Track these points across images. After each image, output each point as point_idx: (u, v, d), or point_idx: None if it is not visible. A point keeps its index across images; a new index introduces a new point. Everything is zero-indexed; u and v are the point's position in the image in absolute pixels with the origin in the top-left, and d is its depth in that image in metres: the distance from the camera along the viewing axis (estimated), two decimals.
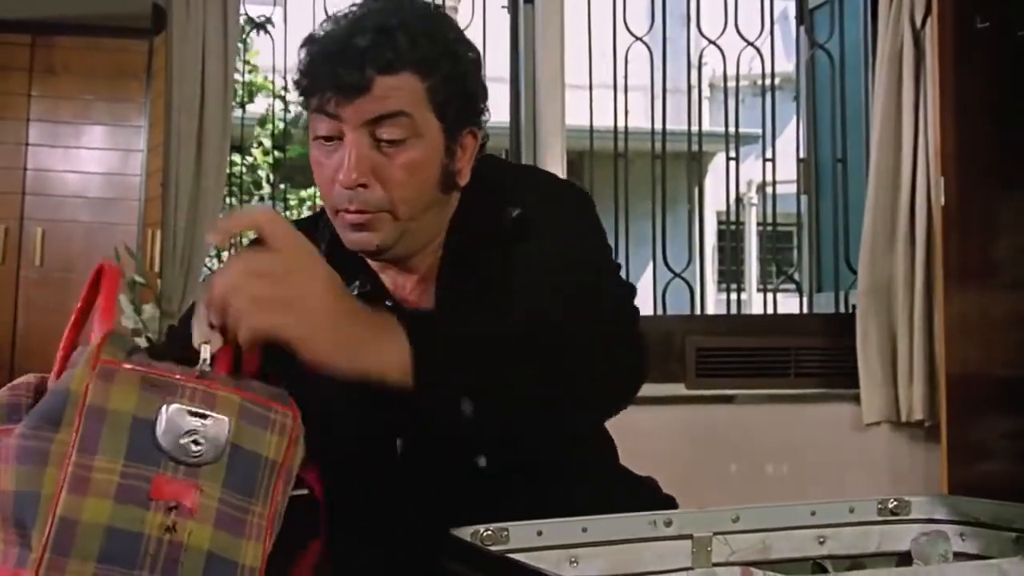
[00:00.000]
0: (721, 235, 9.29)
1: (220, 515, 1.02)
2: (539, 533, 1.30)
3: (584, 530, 1.32)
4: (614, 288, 1.53)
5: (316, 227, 1.57)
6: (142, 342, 3.73)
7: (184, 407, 1.03)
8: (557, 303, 1.41)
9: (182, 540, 1.00)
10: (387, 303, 1.51)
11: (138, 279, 3.76)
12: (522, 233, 1.49)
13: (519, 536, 1.27)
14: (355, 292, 1.48)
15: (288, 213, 6.24)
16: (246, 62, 6.47)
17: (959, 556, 1.31)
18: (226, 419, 1.04)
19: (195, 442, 1.02)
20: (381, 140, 1.41)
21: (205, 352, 1.09)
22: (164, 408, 1.03)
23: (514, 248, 1.48)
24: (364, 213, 1.42)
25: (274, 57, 4.52)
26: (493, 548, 1.22)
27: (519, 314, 1.40)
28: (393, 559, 1.46)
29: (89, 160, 4.13)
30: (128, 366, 1.05)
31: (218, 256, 4.43)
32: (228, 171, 4.15)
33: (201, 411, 1.03)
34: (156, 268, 3.84)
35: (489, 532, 1.24)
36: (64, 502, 0.98)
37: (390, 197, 1.42)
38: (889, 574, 0.90)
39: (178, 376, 1.06)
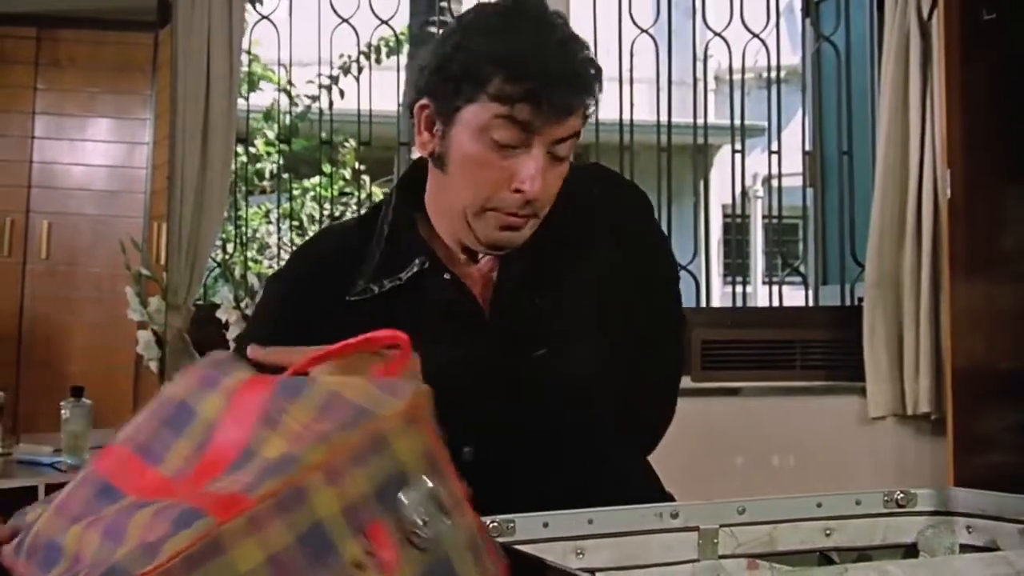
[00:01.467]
0: (726, 228, 9.30)
1: None
2: (545, 525, 1.30)
3: (590, 522, 1.32)
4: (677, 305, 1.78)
5: (375, 221, 1.68)
6: (148, 335, 3.74)
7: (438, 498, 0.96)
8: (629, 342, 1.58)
9: None
10: (445, 276, 1.62)
11: (144, 272, 3.76)
12: (580, 219, 1.64)
13: (525, 527, 1.28)
14: (415, 269, 1.60)
15: (292, 204, 6.24)
16: (249, 52, 6.46)
17: (966, 548, 1.32)
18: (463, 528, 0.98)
19: (425, 523, 0.94)
20: (553, 154, 1.55)
21: None
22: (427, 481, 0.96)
23: (569, 239, 1.63)
24: (525, 217, 1.56)
25: (279, 50, 4.52)
26: (499, 539, 1.22)
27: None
28: None
29: (94, 153, 4.13)
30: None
31: (223, 248, 4.42)
32: (234, 163, 4.14)
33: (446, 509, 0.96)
34: (162, 261, 3.84)
35: (495, 524, 1.24)
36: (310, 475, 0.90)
37: (544, 204, 1.58)
38: (896, 566, 0.89)
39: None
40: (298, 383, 1.01)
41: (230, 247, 4.49)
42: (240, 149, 4.64)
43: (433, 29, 5.66)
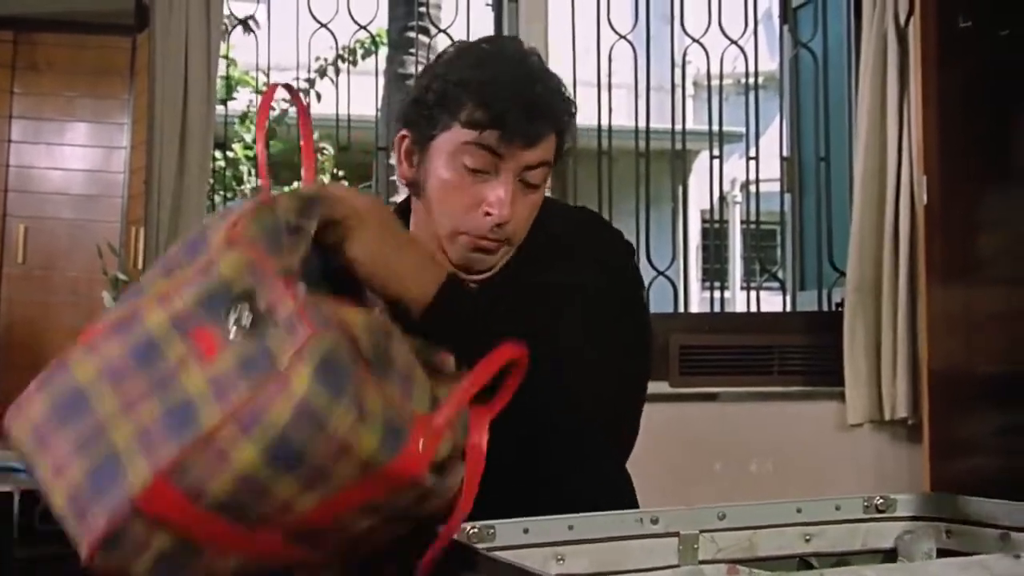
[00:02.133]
0: (705, 233, 9.32)
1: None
2: (525, 531, 1.30)
3: (570, 528, 1.32)
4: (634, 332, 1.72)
5: None
6: None
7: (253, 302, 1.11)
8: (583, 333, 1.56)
9: None
10: None
11: (121, 276, 3.74)
12: (561, 254, 1.69)
13: (505, 534, 1.28)
14: None
15: None
16: (227, 58, 6.45)
17: (944, 553, 1.32)
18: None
19: (240, 324, 1.08)
20: (525, 182, 1.61)
21: None
22: None
23: (553, 266, 1.67)
24: (496, 242, 1.62)
25: (257, 55, 4.51)
26: (479, 546, 1.22)
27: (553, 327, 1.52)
28: None
29: (72, 157, 4.12)
30: None
31: None
32: (211, 168, 4.13)
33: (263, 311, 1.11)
34: (139, 265, 3.83)
35: (475, 530, 1.24)
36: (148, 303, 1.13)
37: (515, 230, 1.62)
38: (874, 571, 0.90)
39: None
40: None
41: None
42: (218, 154, 4.63)
43: (412, 34, 5.67)
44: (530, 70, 1.62)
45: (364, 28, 4.60)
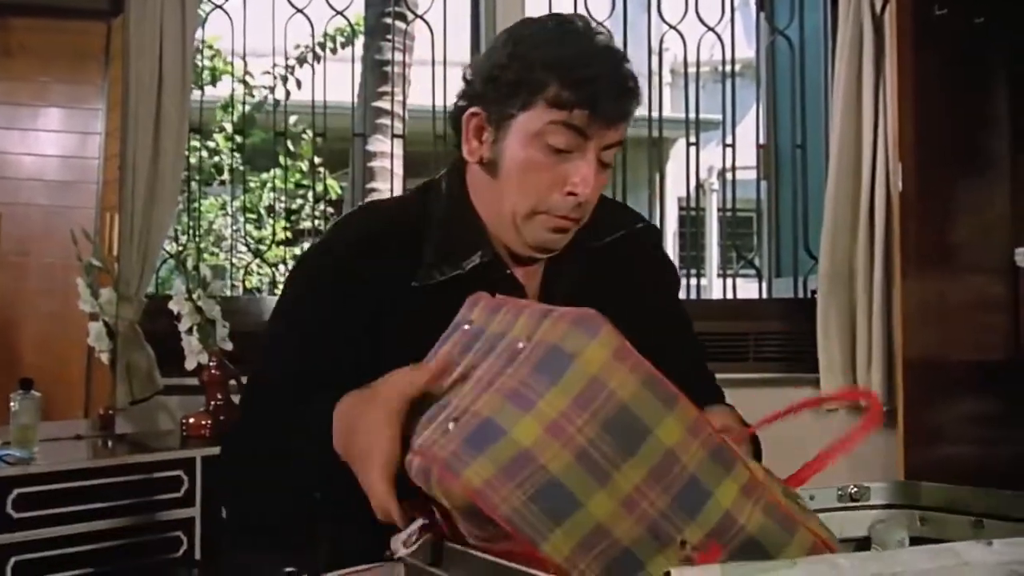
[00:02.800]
0: (682, 221, 9.33)
1: None
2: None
3: None
4: None
5: (421, 204, 1.72)
6: (99, 326, 3.71)
7: None
8: None
9: None
10: (507, 271, 1.69)
11: (95, 263, 3.72)
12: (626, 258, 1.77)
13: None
14: (476, 262, 1.64)
15: (247, 196, 6.22)
16: (210, 47, 6.42)
17: (918, 540, 1.33)
18: None
19: None
20: (601, 161, 1.62)
21: None
22: None
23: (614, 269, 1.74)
24: (574, 220, 1.63)
25: (233, 40, 4.49)
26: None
27: None
28: None
29: (47, 143, 4.08)
30: None
31: (176, 239, 4.39)
32: (187, 155, 4.11)
33: None
34: (114, 252, 3.81)
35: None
36: None
37: (589, 208, 1.65)
38: (845, 559, 0.90)
39: None
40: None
41: (184, 238, 4.46)
42: (197, 142, 4.61)
43: (388, 20, 5.65)
44: (611, 48, 1.62)
45: (341, 14, 4.58)
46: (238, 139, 5.52)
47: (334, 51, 6.33)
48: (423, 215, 1.70)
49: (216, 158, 6.87)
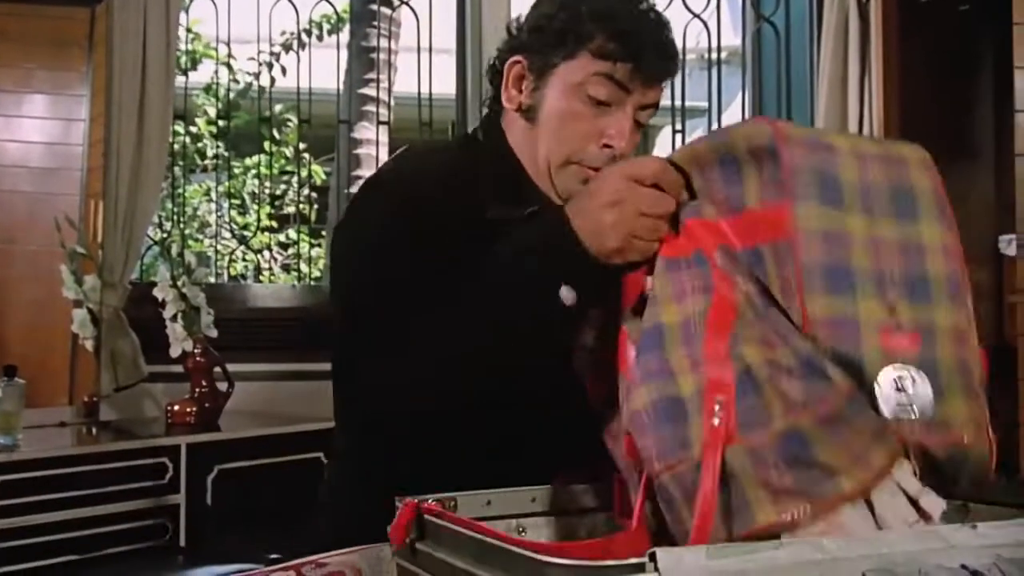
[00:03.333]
0: None
1: None
2: (488, 503, 1.30)
3: (533, 500, 1.32)
4: None
5: (471, 148, 1.73)
6: (83, 313, 3.70)
7: None
8: None
9: None
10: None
11: (79, 250, 3.71)
12: None
13: (467, 505, 1.28)
14: (528, 212, 1.60)
15: (231, 182, 6.18)
16: (188, 30, 6.39)
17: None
18: None
19: None
20: (637, 121, 1.61)
21: None
22: None
23: None
24: None
25: (217, 26, 4.48)
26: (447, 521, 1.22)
27: None
28: None
29: (31, 129, 4.06)
30: None
31: (160, 227, 4.38)
32: (171, 141, 4.10)
33: None
34: (99, 239, 3.79)
35: (438, 501, 1.24)
36: None
37: None
38: (830, 541, 0.90)
39: None
40: None
41: (169, 225, 4.45)
42: (181, 128, 4.59)
43: (374, 7, 5.63)
44: (657, 12, 1.64)
45: (326, 0, 4.57)
46: (221, 124, 5.49)
47: (320, 38, 6.30)
48: (474, 161, 1.69)
49: (199, 143, 6.84)
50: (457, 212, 1.58)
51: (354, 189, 2.71)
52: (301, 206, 5.31)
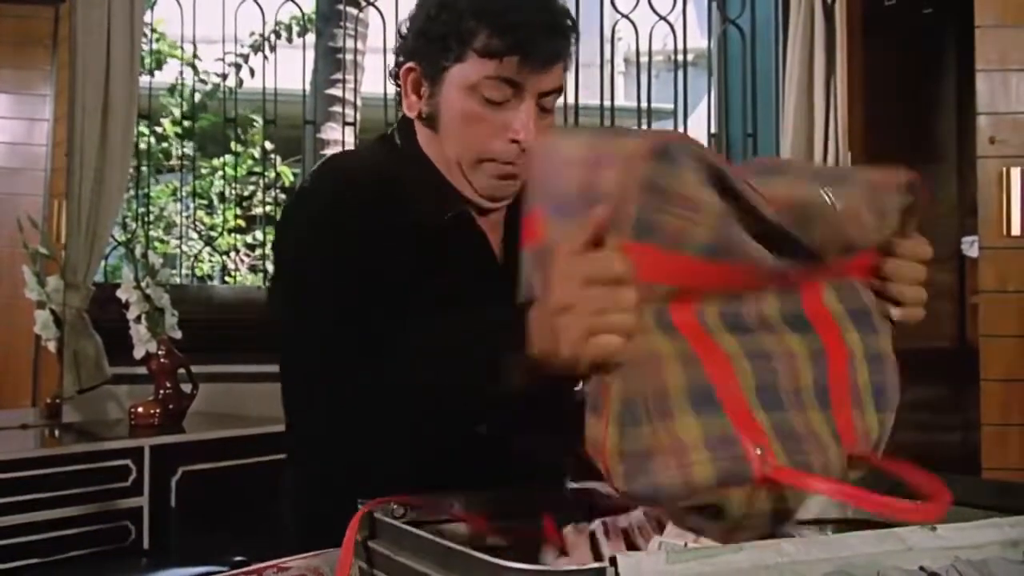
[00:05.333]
0: None
1: None
2: (451, 506, 1.30)
3: (497, 501, 1.32)
4: None
5: (386, 152, 1.71)
6: (46, 314, 3.67)
7: None
8: None
9: None
10: (475, 225, 1.67)
11: (42, 251, 3.69)
12: None
13: (432, 507, 1.28)
14: (449, 215, 1.62)
15: (196, 183, 6.17)
16: (153, 29, 6.36)
17: (862, 524, 1.33)
18: None
19: None
20: (541, 107, 1.60)
21: None
22: None
23: None
24: (520, 167, 1.59)
25: (183, 25, 4.46)
26: (403, 522, 1.21)
27: None
28: None
29: None
30: None
31: (124, 227, 4.35)
32: (135, 141, 4.07)
33: None
34: (62, 239, 3.77)
35: (400, 507, 1.24)
36: None
37: None
38: (790, 543, 0.91)
39: None
40: None
41: (134, 226, 4.42)
42: (146, 128, 4.56)
43: (341, 7, 5.62)
44: None
45: (292, 0, 4.56)
46: (187, 124, 5.47)
47: (289, 40, 6.29)
48: (394, 166, 1.67)
49: (165, 144, 6.81)
50: (381, 219, 1.57)
51: None
52: (268, 207, 5.29)
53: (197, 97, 5.89)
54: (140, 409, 3.59)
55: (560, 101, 4.65)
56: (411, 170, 1.66)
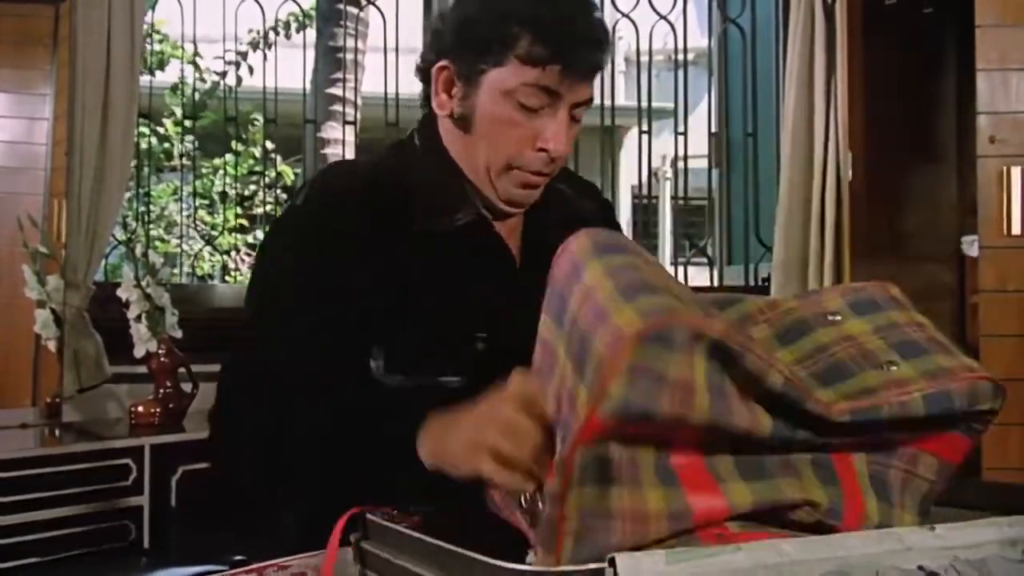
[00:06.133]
0: (635, 209, 9.35)
1: None
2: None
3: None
4: None
5: (404, 155, 1.71)
6: (46, 313, 3.67)
7: None
8: None
9: None
10: (492, 230, 1.68)
11: (42, 250, 3.69)
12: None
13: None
14: (460, 222, 1.63)
15: (197, 182, 6.17)
16: (157, 31, 6.36)
17: None
18: None
19: None
20: (573, 117, 1.60)
21: None
22: None
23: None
24: (545, 175, 1.63)
25: (183, 25, 4.46)
26: (400, 524, 1.21)
27: None
28: None
29: None
30: None
31: (124, 227, 4.36)
32: (136, 140, 4.07)
33: None
34: (62, 238, 3.77)
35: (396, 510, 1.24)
36: None
37: (560, 163, 1.64)
38: (789, 544, 0.91)
39: None
40: None
41: (135, 225, 4.42)
42: (146, 128, 4.56)
43: (341, 6, 5.62)
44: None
45: (293, 0, 4.56)
46: (188, 124, 5.47)
47: (288, 36, 6.29)
48: (404, 171, 1.67)
49: (166, 144, 6.81)
50: (376, 228, 1.58)
51: None
52: (269, 207, 5.29)
53: (197, 96, 5.89)
54: (140, 408, 3.59)
55: None
56: (428, 173, 1.66)
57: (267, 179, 5.92)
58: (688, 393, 0.95)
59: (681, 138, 4.66)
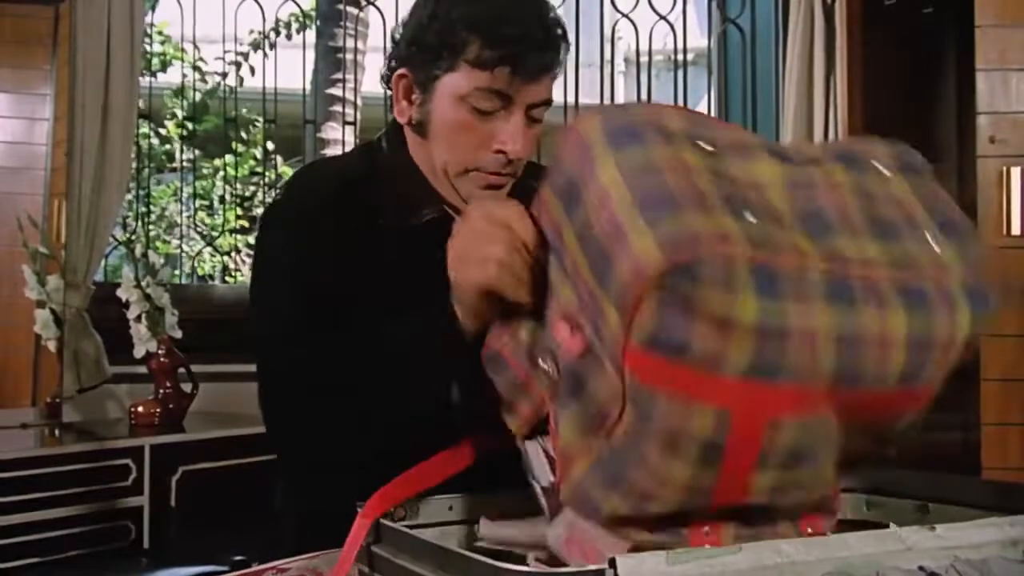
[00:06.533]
0: None
1: None
2: (450, 508, 1.30)
3: (494, 504, 1.32)
4: None
5: (372, 156, 1.74)
6: (46, 314, 3.67)
7: None
8: None
9: None
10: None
11: (42, 250, 3.69)
12: None
13: (429, 511, 1.28)
14: (426, 218, 1.65)
15: (197, 183, 6.17)
16: (159, 32, 6.36)
17: (864, 525, 1.34)
18: None
19: None
20: (530, 117, 1.60)
21: None
22: None
23: None
24: (508, 176, 1.63)
25: (183, 26, 4.46)
26: (404, 523, 1.22)
27: None
28: None
29: None
30: None
31: (124, 226, 4.35)
32: (137, 141, 4.07)
33: None
34: (62, 239, 3.77)
35: (400, 508, 1.24)
36: None
37: (522, 164, 1.64)
38: (789, 543, 0.91)
39: None
40: None
41: (135, 225, 4.42)
42: (147, 128, 4.56)
43: (341, 7, 5.62)
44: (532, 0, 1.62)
45: (293, 0, 4.56)
46: (189, 126, 5.48)
47: (289, 36, 6.28)
48: (372, 170, 1.70)
49: (167, 145, 6.81)
50: (351, 223, 1.63)
51: None
52: None
53: (198, 96, 5.90)
54: (140, 408, 3.59)
55: (560, 100, 4.62)
56: (392, 174, 1.69)
57: (267, 180, 5.92)
58: (727, 329, 0.91)
59: None
